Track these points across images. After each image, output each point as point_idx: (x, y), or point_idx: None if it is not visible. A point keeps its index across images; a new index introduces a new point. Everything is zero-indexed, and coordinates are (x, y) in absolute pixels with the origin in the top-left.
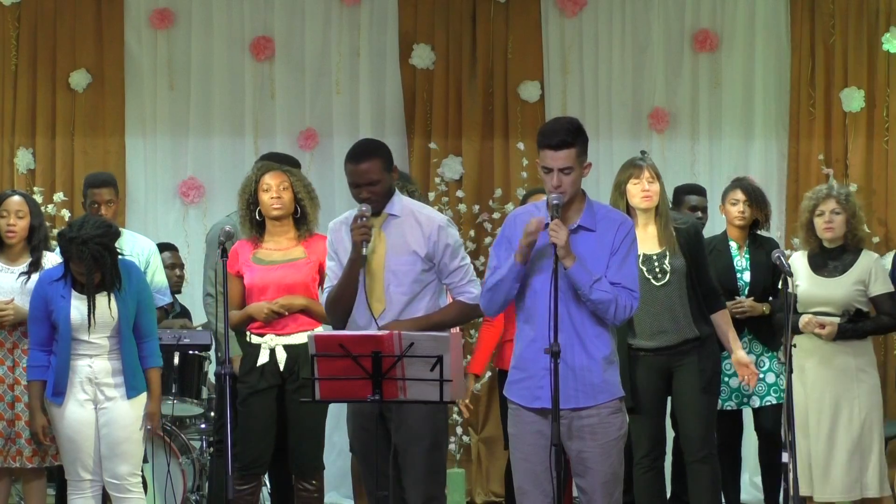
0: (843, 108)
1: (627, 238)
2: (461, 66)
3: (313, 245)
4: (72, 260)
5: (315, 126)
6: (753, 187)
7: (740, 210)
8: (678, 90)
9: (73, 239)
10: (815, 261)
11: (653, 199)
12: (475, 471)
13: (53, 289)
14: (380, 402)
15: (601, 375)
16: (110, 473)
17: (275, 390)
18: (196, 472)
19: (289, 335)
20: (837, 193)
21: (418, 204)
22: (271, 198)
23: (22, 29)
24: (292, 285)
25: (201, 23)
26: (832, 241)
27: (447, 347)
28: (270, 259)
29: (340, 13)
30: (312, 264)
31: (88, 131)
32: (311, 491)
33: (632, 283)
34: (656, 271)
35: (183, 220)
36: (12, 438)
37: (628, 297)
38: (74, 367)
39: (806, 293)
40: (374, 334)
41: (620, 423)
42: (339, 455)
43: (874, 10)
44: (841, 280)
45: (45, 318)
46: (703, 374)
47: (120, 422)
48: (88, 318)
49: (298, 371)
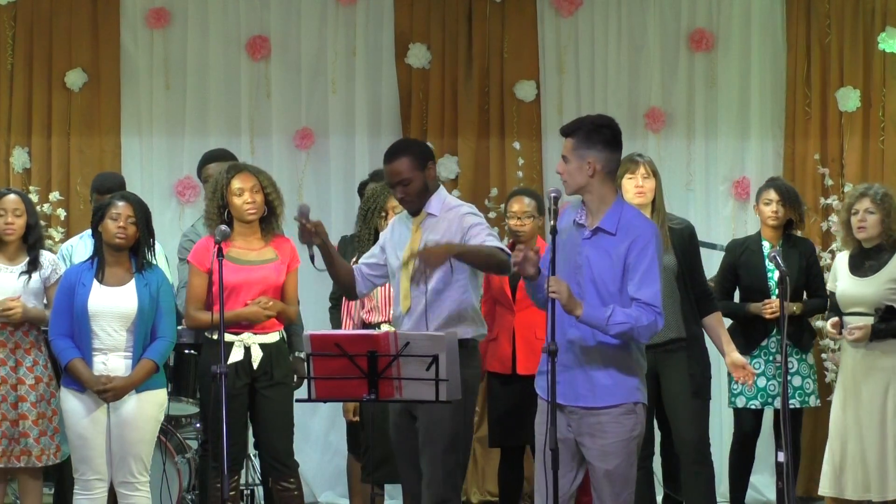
0: (839, 107)
1: (646, 250)
2: (457, 66)
3: (281, 246)
4: (112, 205)
5: (311, 125)
6: (787, 187)
7: (773, 210)
8: (674, 90)
9: (117, 193)
10: (854, 261)
11: (646, 196)
12: (471, 470)
13: (76, 277)
14: (375, 401)
15: (613, 378)
16: (120, 473)
17: (246, 388)
18: (192, 471)
19: (266, 333)
20: (873, 193)
21: (456, 200)
22: (246, 202)
23: (18, 28)
24: (275, 286)
25: (197, 22)
26: (866, 240)
27: (443, 347)
28: (247, 259)
29: (336, 13)
30: (282, 266)
31: (84, 130)
32: (292, 489)
33: (653, 299)
34: None
35: (179, 220)
36: (16, 438)
37: (649, 316)
38: (90, 364)
39: (843, 293)
40: (369, 334)
41: (632, 426)
42: (335, 454)
43: (870, 9)
44: (874, 279)
45: (67, 309)
46: (693, 378)
47: (133, 422)
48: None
49: (272, 370)
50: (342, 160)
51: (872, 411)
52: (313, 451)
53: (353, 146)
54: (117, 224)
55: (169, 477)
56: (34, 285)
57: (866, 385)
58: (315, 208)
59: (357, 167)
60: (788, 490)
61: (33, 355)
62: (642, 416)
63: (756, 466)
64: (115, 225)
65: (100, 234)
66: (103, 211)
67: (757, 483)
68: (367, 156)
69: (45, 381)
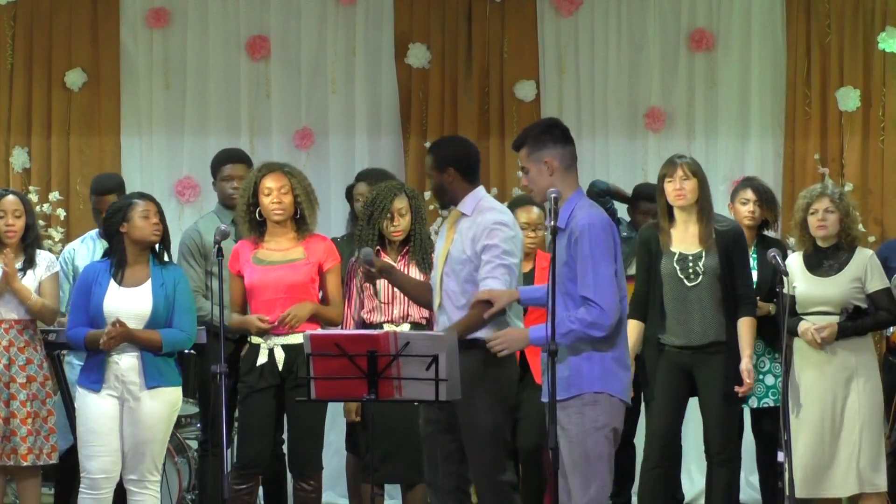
0: (839, 107)
1: (581, 243)
2: (457, 66)
3: (312, 246)
4: (135, 204)
5: (311, 125)
6: (764, 187)
7: (750, 210)
8: (674, 89)
9: (134, 192)
10: (810, 260)
11: (686, 198)
12: None
13: (94, 276)
14: (374, 401)
15: (570, 369)
16: (131, 472)
17: (273, 390)
18: (192, 471)
19: (287, 335)
20: (831, 192)
21: (490, 204)
22: (272, 202)
23: (17, 28)
24: (292, 286)
25: (197, 22)
26: (825, 239)
27: (443, 347)
28: (270, 259)
29: (336, 12)
30: (311, 265)
31: (84, 130)
32: (310, 491)
33: (591, 293)
34: (689, 271)
35: (179, 220)
36: (7, 437)
37: (591, 312)
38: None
39: (803, 293)
40: (369, 334)
41: (594, 417)
42: (336, 454)
43: (870, 9)
44: (837, 279)
45: (84, 306)
46: (728, 381)
47: (145, 422)
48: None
49: (297, 370)
50: (342, 160)
51: (830, 409)
52: None
53: (352, 146)
54: (151, 222)
55: (169, 477)
56: (30, 284)
57: (826, 383)
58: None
59: (357, 167)
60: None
61: (27, 354)
62: (609, 407)
63: (754, 466)
64: (150, 223)
65: (120, 234)
66: (125, 211)
67: (756, 483)
68: (366, 156)
69: (40, 381)
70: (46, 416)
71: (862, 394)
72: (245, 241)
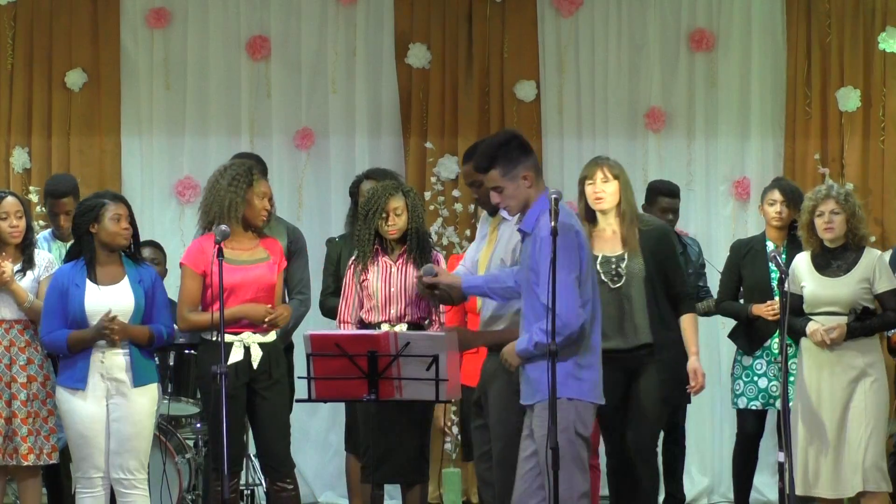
0: (840, 107)
1: (542, 250)
2: (457, 66)
3: (271, 246)
4: (107, 206)
5: (311, 125)
6: (792, 187)
7: (777, 210)
8: (674, 90)
9: (106, 192)
10: (818, 261)
11: (605, 201)
12: (471, 470)
13: (68, 279)
14: (375, 401)
15: (539, 372)
16: (118, 469)
17: (244, 388)
18: (192, 471)
19: (265, 334)
20: (836, 193)
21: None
22: (265, 208)
23: (18, 28)
24: (271, 284)
25: (197, 22)
26: (832, 241)
27: (443, 347)
28: (241, 259)
29: (336, 12)
30: (275, 265)
31: (84, 130)
32: (290, 490)
33: (550, 300)
34: (612, 273)
35: (179, 220)
36: (9, 436)
37: (548, 323)
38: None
39: (812, 294)
40: (370, 334)
41: (559, 420)
42: (335, 454)
43: (870, 9)
44: (846, 279)
45: (60, 311)
46: (663, 384)
47: (130, 417)
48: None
49: (271, 369)
50: (342, 160)
51: (837, 408)
52: (313, 451)
53: (353, 146)
54: (121, 225)
55: (169, 477)
56: (29, 284)
57: (833, 383)
58: (315, 208)
59: (357, 167)
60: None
61: (28, 354)
62: (574, 412)
63: (762, 466)
64: (120, 226)
65: (90, 234)
66: (96, 212)
67: (757, 483)
68: (367, 156)
69: (40, 381)
70: (47, 415)
71: (869, 394)
72: (203, 239)
